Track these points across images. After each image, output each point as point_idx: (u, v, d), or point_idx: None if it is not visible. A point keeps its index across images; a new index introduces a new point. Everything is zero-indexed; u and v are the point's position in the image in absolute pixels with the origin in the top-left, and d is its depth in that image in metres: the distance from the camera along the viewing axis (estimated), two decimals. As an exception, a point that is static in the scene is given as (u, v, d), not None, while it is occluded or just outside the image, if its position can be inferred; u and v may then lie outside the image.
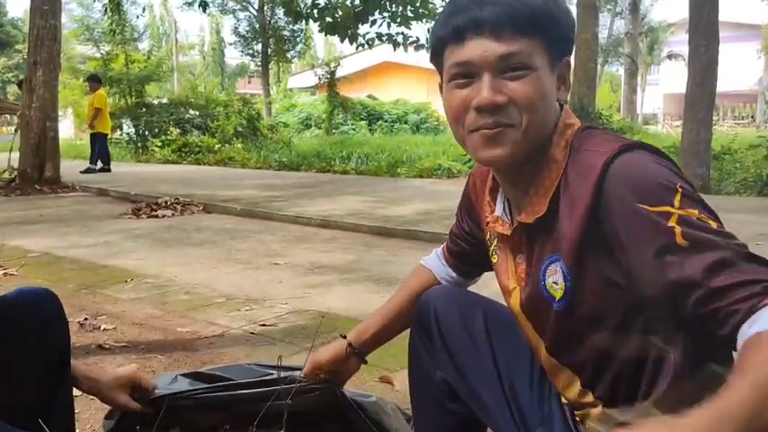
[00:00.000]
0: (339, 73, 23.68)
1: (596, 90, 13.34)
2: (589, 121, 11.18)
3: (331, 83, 23.04)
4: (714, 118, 10.97)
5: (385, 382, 2.43)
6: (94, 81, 13.39)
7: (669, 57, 32.85)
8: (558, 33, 1.03)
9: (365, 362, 1.52)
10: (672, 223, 0.87)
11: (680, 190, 0.88)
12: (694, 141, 9.65)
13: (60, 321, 1.45)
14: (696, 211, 0.87)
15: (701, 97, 9.60)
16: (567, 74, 1.07)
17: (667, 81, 33.30)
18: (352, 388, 1.66)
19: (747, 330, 0.78)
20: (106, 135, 13.44)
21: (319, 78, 24.15)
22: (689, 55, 9.86)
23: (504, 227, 1.14)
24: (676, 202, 0.87)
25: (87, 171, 12.42)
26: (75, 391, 2.40)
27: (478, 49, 1.00)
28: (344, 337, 1.50)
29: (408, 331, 1.52)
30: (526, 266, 1.11)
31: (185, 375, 1.64)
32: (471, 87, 1.02)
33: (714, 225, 0.87)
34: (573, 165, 1.02)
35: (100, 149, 12.93)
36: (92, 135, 13.07)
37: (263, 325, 3.25)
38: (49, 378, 1.43)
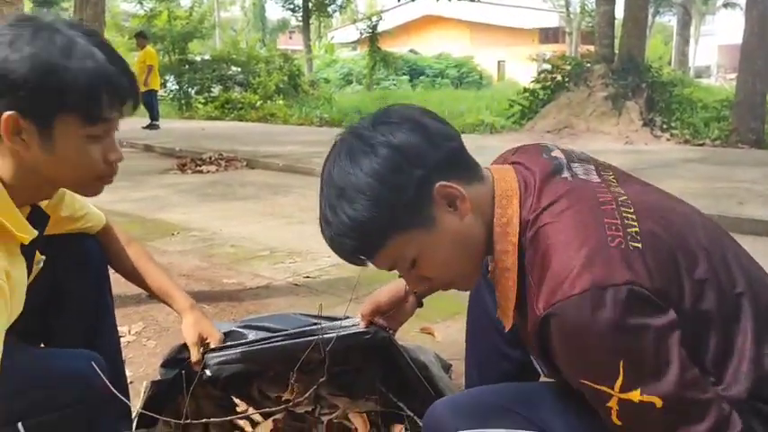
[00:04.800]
0: (380, 27, 23.41)
1: (646, 41, 12.86)
2: (638, 74, 10.84)
3: (372, 38, 22.78)
4: (771, 69, 10.48)
5: (426, 333, 2.47)
6: (142, 38, 13.34)
7: (725, 6, 31.40)
8: (403, 208, 0.97)
9: (421, 304, 1.52)
10: (611, 404, 0.87)
11: (621, 368, 0.85)
12: (749, 94, 9.28)
13: (96, 255, 1.54)
14: (638, 393, 0.85)
15: (757, 48, 9.19)
16: (449, 193, 0.98)
17: (723, 32, 31.89)
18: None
19: None
20: (156, 91, 13.57)
21: (360, 33, 23.91)
22: (746, 3, 9.41)
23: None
24: (617, 386, 0.86)
25: (150, 127, 12.58)
26: (129, 336, 2.51)
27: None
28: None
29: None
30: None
31: (241, 327, 1.68)
32: None
33: (658, 403, 0.85)
34: (528, 270, 0.97)
35: (152, 105, 13.07)
36: (145, 92, 13.10)
37: (307, 277, 3.31)
38: (91, 306, 1.53)
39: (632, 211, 0.95)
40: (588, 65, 11.83)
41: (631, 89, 10.74)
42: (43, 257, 1.32)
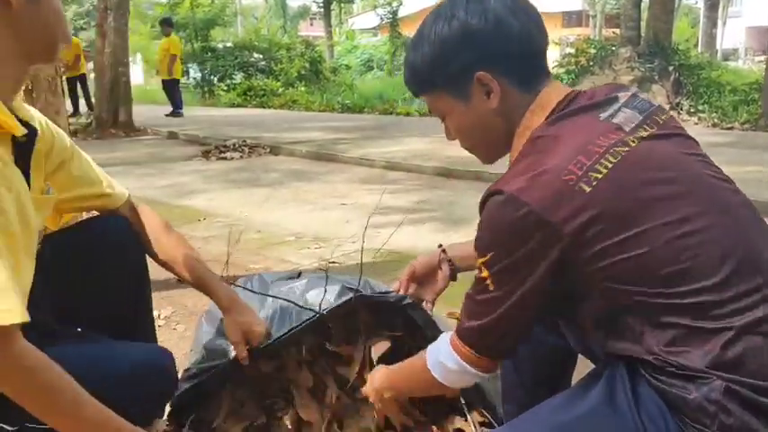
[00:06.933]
0: (401, 13, 23.24)
1: (673, 24, 12.64)
2: (664, 57, 10.66)
3: (393, 23, 22.65)
4: (802, 51, 10.24)
5: (453, 318, 2.47)
6: (167, 25, 13.14)
7: (754, -14, 30.62)
8: (445, 74, 1.14)
9: (455, 278, 1.56)
10: (477, 265, 1.08)
11: (489, 255, 1.04)
12: (779, 77, 9.08)
13: (134, 245, 1.54)
14: (487, 274, 1.05)
15: (788, 29, 8.98)
16: (488, 84, 1.12)
17: (751, 13, 31.20)
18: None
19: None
20: (179, 80, 13.59)
21: (381, 19, 23.79)
22: (777, -17, 9.18)
23: None
24: (484, 258, 1.06)
25: (173, 115, 12.65)
26: (159, 321, 2.54)
27: None
28: (440, 246, 1.57)
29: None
30: None
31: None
32: None
33: (491, 287, 1.06)
34: None
35: (175, 94, 13.11)
36: (167, 81, 12.99)
37: (333, 262, 3.32)
38: (129, 295, 1.53)
39: (617, 161, 1.00)
40: (613, 48, 11.66)
41: (658, 72, 10.57)
42: (52, 188, 1.32)
